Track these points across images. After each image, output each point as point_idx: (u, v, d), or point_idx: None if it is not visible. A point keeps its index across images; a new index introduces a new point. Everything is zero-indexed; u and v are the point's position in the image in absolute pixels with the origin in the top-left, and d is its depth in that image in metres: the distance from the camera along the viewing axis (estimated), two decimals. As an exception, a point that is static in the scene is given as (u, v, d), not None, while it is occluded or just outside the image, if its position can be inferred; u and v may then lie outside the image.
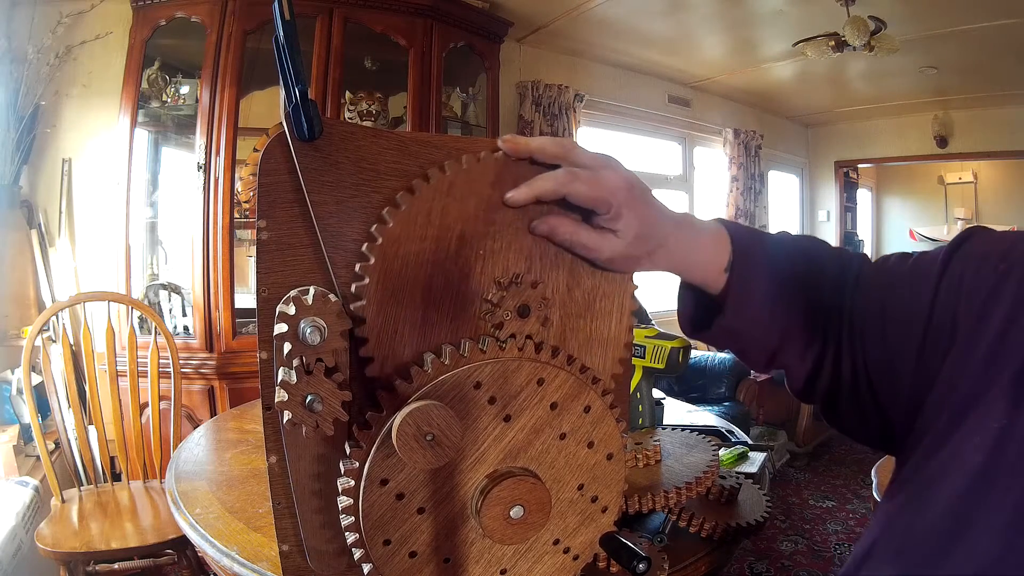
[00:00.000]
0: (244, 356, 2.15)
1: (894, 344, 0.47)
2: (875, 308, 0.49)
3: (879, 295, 0.49)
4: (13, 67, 2.06)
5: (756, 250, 0.51)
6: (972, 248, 0.46)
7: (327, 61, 2.22)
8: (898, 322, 0.47)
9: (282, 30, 0.40)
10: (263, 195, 0.43)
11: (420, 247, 0.44)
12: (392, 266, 0.44)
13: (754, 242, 0.52)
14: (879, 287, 0.50)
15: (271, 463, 0.46)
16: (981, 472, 0.38)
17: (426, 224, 0.44)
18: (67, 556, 1.41)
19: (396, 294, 0.44)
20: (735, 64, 3.69)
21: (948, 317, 0.44)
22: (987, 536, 0.36)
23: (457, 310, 0.46)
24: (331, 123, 0.43)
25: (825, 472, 3.10)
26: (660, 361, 0.95)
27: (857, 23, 2.59)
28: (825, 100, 4.53)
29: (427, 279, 0.45)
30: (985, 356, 0.41)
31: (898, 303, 0.48)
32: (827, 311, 0.51)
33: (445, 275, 0.45)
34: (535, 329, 0.47)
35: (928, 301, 0.46)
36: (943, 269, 0.46)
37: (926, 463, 0.42)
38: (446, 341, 0.46)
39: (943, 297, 0.45)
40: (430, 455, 0.40)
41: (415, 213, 0.44)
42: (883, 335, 0.48)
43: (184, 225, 2.24)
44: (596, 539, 0.50)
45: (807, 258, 0.53)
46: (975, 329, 0.42)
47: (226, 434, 1.29)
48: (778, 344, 0.52)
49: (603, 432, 0.48)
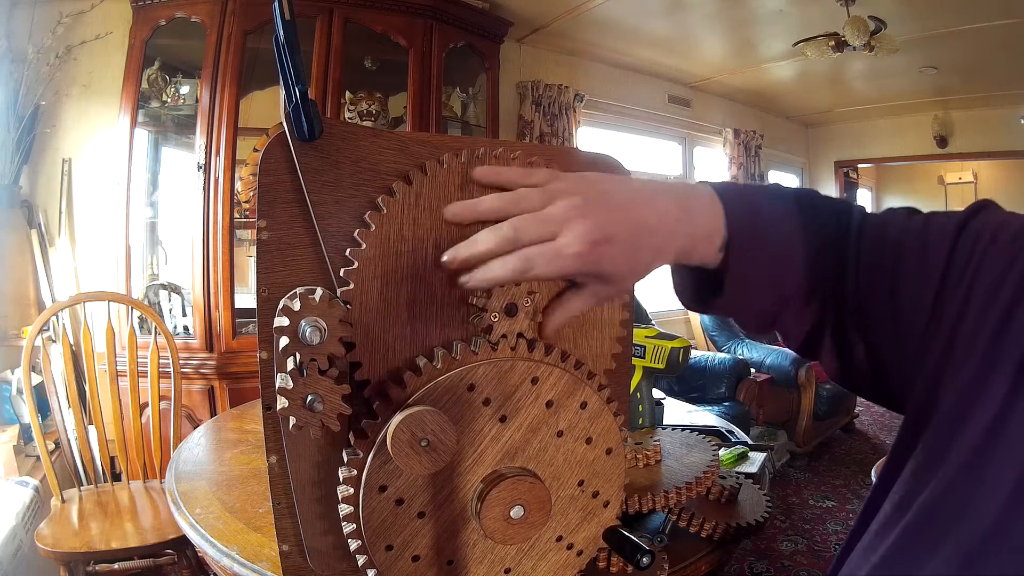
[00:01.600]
0: (244, 356, 2.15)
1: (901, 324, 0.46)
2: (881, 283, 0.47)
3: (885, 265, 0.47)
4: (13, 67, 2.06)
5: (753, 225, 0.47)
6: (985, 222, 0.45)
7: (327, 61, 2.22)
8: (905, 298, 0.46)
9: (282, 30, 0.40)
10: (263, 195, 0.43)
11: (397, 263, 0.44)
12: (372, 287, 0.44)
13: (750, 214, 0.47)
14: (883, 256, 0.48)
15: (271, 463, 0.46)
16: (981, 448, 0.38)
17: (399, 239, 0.44)
18: (67, 556, 1.41)
19: (381, 314, 0.44)
20: (735, 64, 3.69)
21: (958, 296, 0.43)
22: (987, 510, 0.37)
23: (444, 319, 0.46)
24: (331, 123, 0.43)
25: (825, 472, 3.09)
26: (660, 361, 0.95)
27: (857, 23, 2.59)
28: (825, 100, 4.53)
29: (410, 294, 0.45)
30: (990, 339, 0.41)
31: (905, 280, 0.46)
32: (828, 279, 0.49)
33: (427, 287, 0.45)
34: (525, 326, 0.47)
35: (937, 280, 0.44)
36: (953, 245, 0.45)
37: (932, 442, 0.42)
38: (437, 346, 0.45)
39: (953, 274, 0.44)
40: (426, 460, 0.40)
41: (387, 232, 0.44)
42: (890, 314, 0.47)
43: (184, 225, 2.24)
44: (599, 534, 0.50)
45: (804, 224, 0.49)
46: (983, 310, 0.42)
47: (226, 434, 1.29)
48: (776, 312, 0.50)
49: (601, 427, 0.48)
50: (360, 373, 0.44)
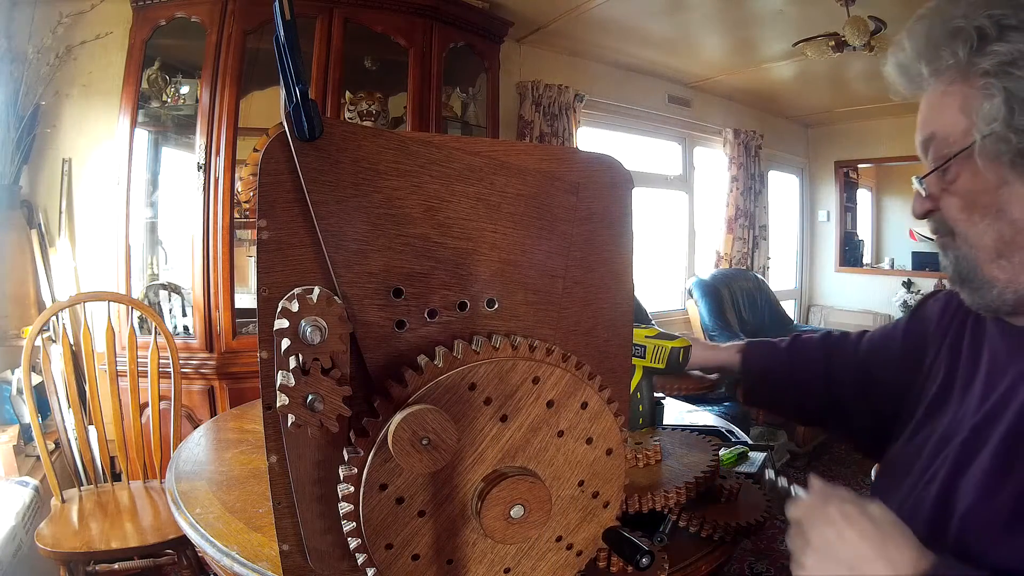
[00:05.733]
0: (244, 356, 2.15)
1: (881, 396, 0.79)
2: (855, 386, 0.83)
3: (857, 371, 0.84)
4: (13, 67, 2.06)
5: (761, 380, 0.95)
6: (926, 310, 0.78)
7: (327, 61, 2.22)
8: (880, 382, 0.80)
9: (282, 30, 0.40)
10: (263, 195, 0.43)
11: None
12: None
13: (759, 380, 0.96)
14: (855, 366, 0.84)
15: (271, 463, 0.46)
16: (943, 436, 0.63)
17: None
18: (67, 556, 1.41)
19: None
20: (735, 64, 3.69)
21: (915, 358, 0.75)
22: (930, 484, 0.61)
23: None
24: (331, 123, 0.43)
25: (825, 472, 3.09)
26: (660, 361, 0.95)
27: (857, 23, 2.59)
28: (825, 100, 4.53)
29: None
30: (945, 373, 0.69)
31: (876, 367, 0.81)
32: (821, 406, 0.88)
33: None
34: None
35: (897, 355, 0.78)
36: (906, 328, 0.80)
37: (902, 446, 0.70)
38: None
39: (910, 344, 0.77)
40: (427, 459, 0.40)
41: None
42: (869, 395, 0.81)
43: (184, 225, 2.23)
44: (599, 534, 0.50)
45: (794, 380, 0.91)
46: (933, 361, 0.72)
47: (226, 434, 1.29)
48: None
49: (601, 427, 0.48)
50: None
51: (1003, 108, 0.53)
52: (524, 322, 0.50)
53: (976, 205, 0.57)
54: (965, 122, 0.56)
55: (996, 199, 0.56)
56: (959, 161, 0.57)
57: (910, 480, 0.64)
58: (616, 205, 0.53)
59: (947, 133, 0.58)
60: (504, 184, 0.47)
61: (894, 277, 4.87)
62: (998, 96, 0.53)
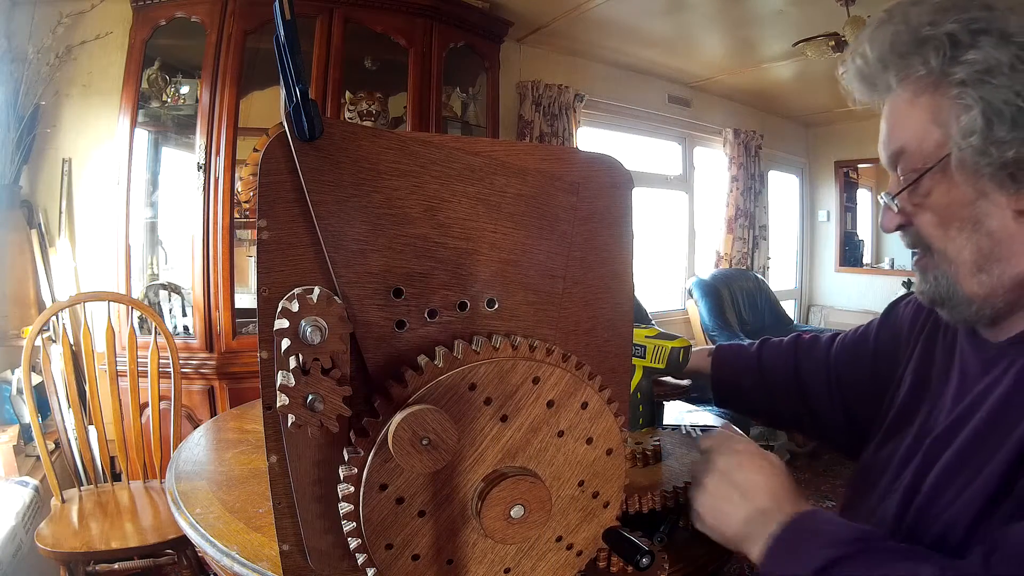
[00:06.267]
0: (244, 356, 2.15)
1: (853, 400, 0.81)
2: (827, 390, 0.83)
3: (828, 375, 0.84)
4: (13, 67, 2.06)
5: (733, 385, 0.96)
6: (895, 316, 0.79)
7: (327, 61, 2.22)
8: (852, 386, 0.81)
9: (282, 30, 0.40)
10: (263, 195, 0.43)
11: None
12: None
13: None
14: (826, 370, 0.84)
15: (271, 463, 0.46)
16: (910, 448, 0.63)
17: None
18: (67, 556, 1.41)
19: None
20: (735, 64, 3.69)
21: (887, 363, 0.76)
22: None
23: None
24: (331, 123, 0.43)
25: (825, 472, 3.09)
26: (660, 361, 0.95)
27: (857, 23, 2.59)
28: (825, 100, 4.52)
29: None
30: (916, 383, 0.69)
31: (848, 372, 0.82)
32: (793, 409, 0.88)
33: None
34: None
35: (869, 360, 0.79)
36: (877, 333, 0.80)
37: (871, 456, 0.72)
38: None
39: (882, 350, 0.78)
40: (427, 459, 0.40)
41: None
42: (841, 399, 0.83)
43: (184, 225, 2.23)
44: (599, 534, 0.50)
45: (764, 385, 0.91)
46: (905, 368, 0.72)
47: (226, 434, 1.28)
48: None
49: (602, 427, 0.48)
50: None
51: (980, 120, 0.51)
52: (524, 322, 0.50)
53: (952, 219, 0.56)
54: (938, 133, 0.54)
55: (973, 212, 0.54)
56: (932, 175, 0.55)
57: (877, 493, 0.65)
58: (616, 205, 0.53)
59: (918, 146, 0.56)
60: (504, 184, 0.47)
61: (894, 277, 4.86)
62: (975, 107, 0.51)
